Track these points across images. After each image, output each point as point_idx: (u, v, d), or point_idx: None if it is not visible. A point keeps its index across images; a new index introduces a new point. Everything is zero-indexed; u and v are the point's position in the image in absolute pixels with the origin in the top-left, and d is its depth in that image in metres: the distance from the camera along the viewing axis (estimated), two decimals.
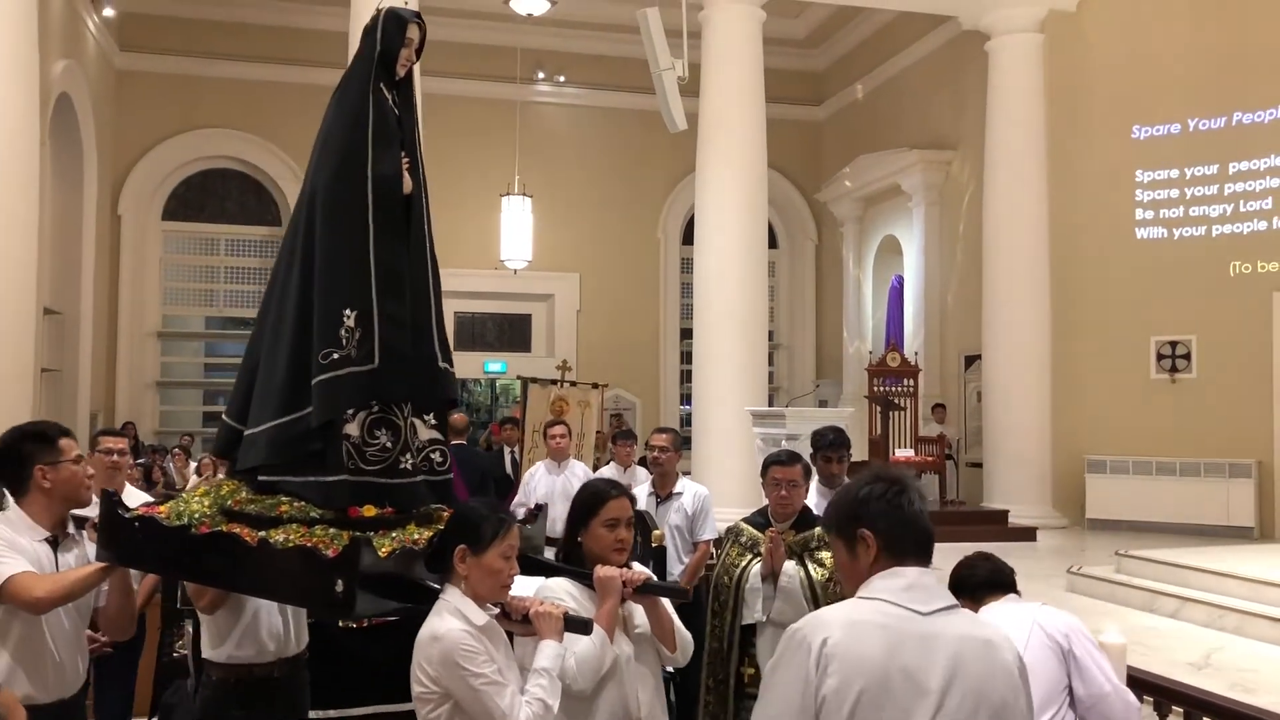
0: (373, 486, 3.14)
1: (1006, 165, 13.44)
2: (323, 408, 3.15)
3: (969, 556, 3.64)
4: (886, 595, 2.06)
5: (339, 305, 3.18)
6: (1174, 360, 13.04)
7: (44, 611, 3.06)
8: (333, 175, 3.31)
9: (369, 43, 3.44)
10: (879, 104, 17.57)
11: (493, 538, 2.74)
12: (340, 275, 3.23)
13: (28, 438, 3.28)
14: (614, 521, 3.11)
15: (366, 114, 3.32)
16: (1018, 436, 13.03)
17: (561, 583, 3.07)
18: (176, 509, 3.17)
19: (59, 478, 3.23)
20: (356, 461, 3.14)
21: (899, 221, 16.98)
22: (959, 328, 15.33)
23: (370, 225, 3.25)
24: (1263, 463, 12.29)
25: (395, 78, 3.48)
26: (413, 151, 3.46)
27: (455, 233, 16.34)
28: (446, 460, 3.42)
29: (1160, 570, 8.34)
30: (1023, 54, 13.46)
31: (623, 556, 3.11)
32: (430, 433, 3.40)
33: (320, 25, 15.87)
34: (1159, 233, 13.21)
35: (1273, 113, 12.44)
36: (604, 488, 3.22)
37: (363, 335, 3.17)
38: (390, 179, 3.31)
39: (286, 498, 3.12)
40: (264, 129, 16.72)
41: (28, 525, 3.20)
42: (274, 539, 2.90)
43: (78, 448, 3.34)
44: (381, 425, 3.22)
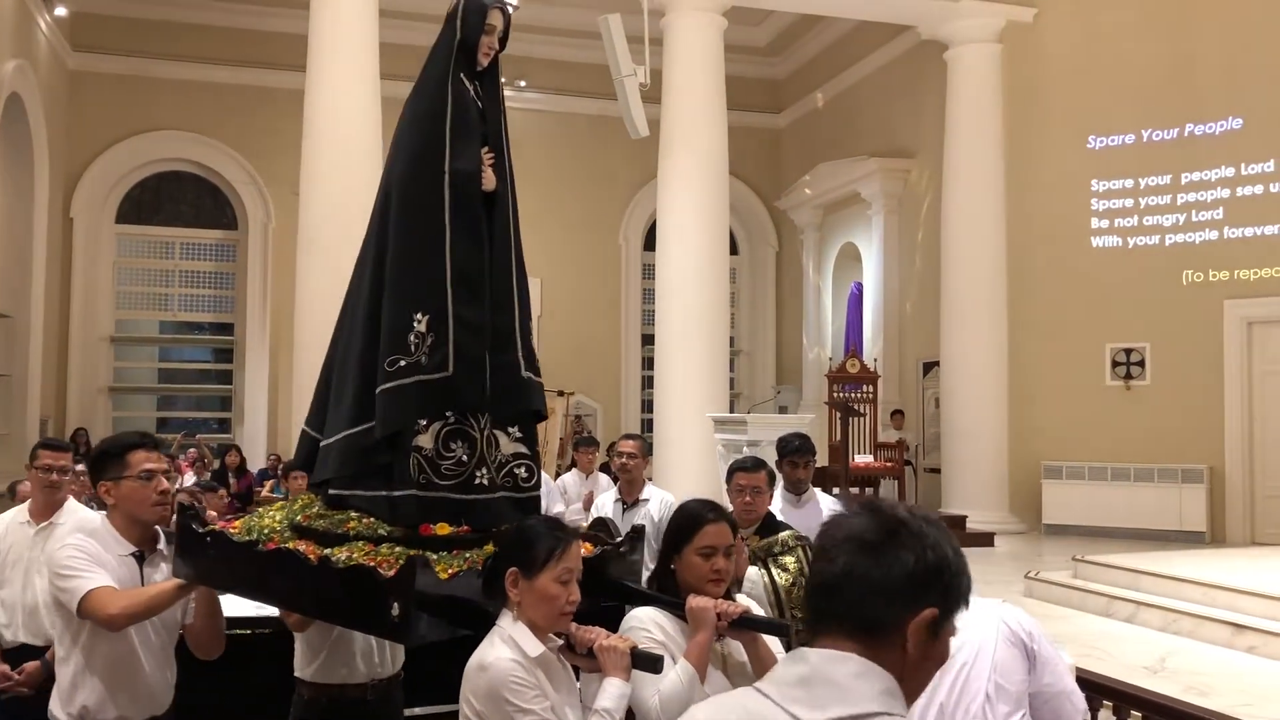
0: (447, 502, 2.94)
1: (964, 174, 13.59)
2: (387, 418, 2.96)
3: None
4: (767, 686, 1.44)
5: (409, 309, 3.00)
6: (1129, 367, 13.23)
7: (119, 628, 2.94)
8: (406, 171, 3.14)
9: (448, 31, 3.24)
10: (839, 112, 17.69)
11: (547, 560, 2.48)
12: (412, 277, 3.04)
13: (99, 454, 3.16)
14: (710, 550, 2.81)
15: (444, 106, 3.14)
16: (975, 442, 13.16)
17: (651, 613, 2.80)
18: (249, 524, 3.05)
19: (120, 493, 3.09)
20: (429, 475, 2.95)
21: (858, 229, 17.10)
22: (917, 334, 15.45)
23: (447, 224, 3.06)
24: (1214, 468, 12.49)
25: (477, 68, 3.27)
26: (498, 146, 3.26)
27: None
28: (533, 476, 3.19)
29: (1116, 575, 8.46)
30: (980, 64, 13.61)
31: (719, 588, 2.80)
32: (515, 446, 3.17)
33: (279, 28, 15.72)
34: (1114, 241, 13.40)
35: (1224, 124, 12.67)
36: (701, 511, 2.90)
37: (435, 341, 2.99)
38: (469, 175, 3.11)
39: (356, 513, 2.96)
40: (221, 132, 16.52)
41: (115, 539, 3.09)
42: (336, 557, 2.73)
43: (153, 461, 3.14)
44: (457, 437, 3.02)
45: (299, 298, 11.75)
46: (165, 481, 3.15)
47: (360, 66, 11.60)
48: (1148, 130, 13.18)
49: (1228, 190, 12.65)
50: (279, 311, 15.90)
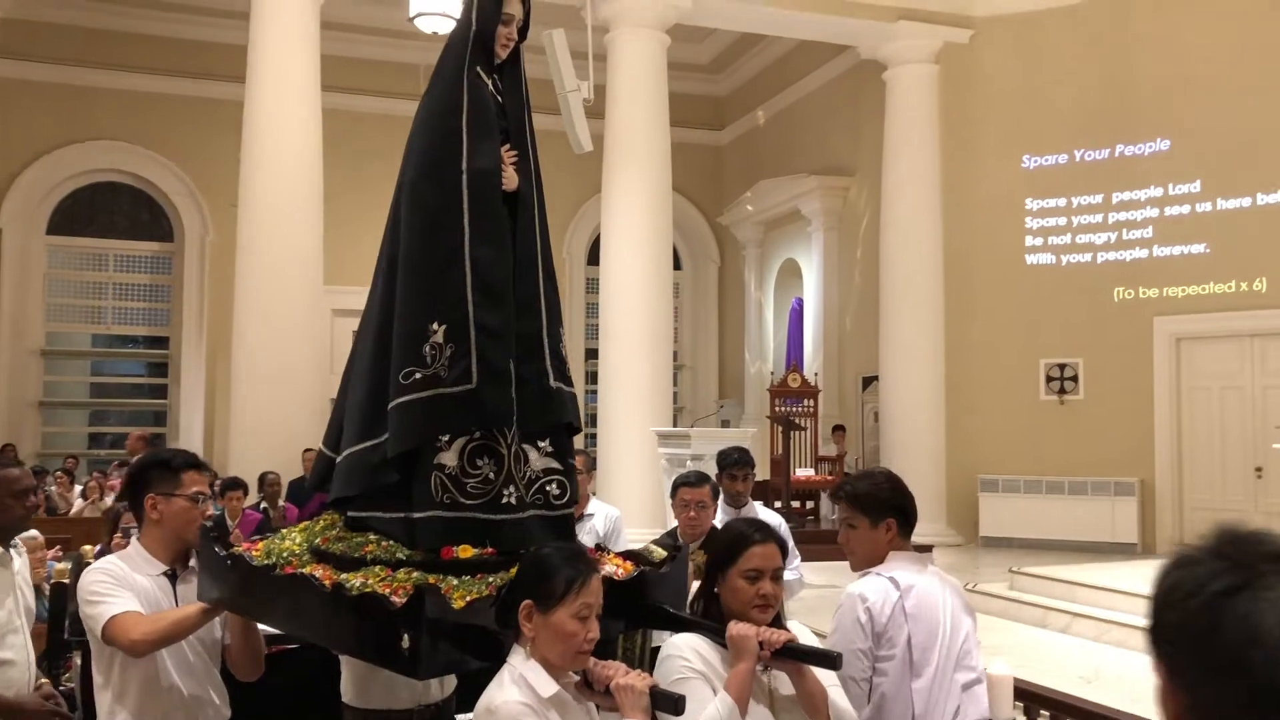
0: (474, 523, 2.75)
1: (902, 192, 13.80)
2: (401, 434, 2.78)
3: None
4: None
5: (425, 319, 2.80)
6: (1062, 382, 13.50)
7: (142, 654, 2.83)
8: (419, 172, 2.95)
9: (464, 22, 3.07)
10: (779, 130, 17.88)
11: (564, 594, 2.28)
12: (427, 284, 2.84)
13: (151, 465, 3.08)
14: (756, 573, 2.59)
15: (460, 102, 2.94)
16: (913, 456, 13.33)
17: (690, 640, 2.61)
18: (270, 546, 2.91)
19: (169, 510, 3.00)
20: (455, 495, 2.76)
21: (799, 245, 17.28)
22: (857, 349, 15.64)
23: (465, 227, 2.86)
24: (1145, 481, 12.79)
25: (495, 60, 3.08)
26: (521, 143, 3.07)
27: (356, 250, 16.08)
28: (565, 493, 2.99)
29: (1051, 586, 8.61)
30: (918, 84, 13.86)
31: (766, 614, 2.59)
32: (546, 461, 2.96)
33: (220, 38, 15.52)
34: (1048, 259, 13.69)
35: (1153, 146, 13.02)
36: (747, 531, 2.67)
37: (456, 352, 2.79)
38: (488, 174, 2.92)
39: (375, 536, 2.79)
40: (158, 142, 16.25)
41: (145, 559, 3.01)
42: (350, 583, 2.56)
43: (204, 484, 3.08)
44: (484, 453, 2.81)
45: (237, 311, 11.60)
46: (210, 506, 3.09)
47: (301, 78, 11.50)
48: (1080, 151, 13.50)
49: (1157, 210, 13.00)
50: (216, 325, 15.67)
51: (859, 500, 3.05)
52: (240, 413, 11.42)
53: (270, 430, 10.93)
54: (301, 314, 11.41)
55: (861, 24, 13.63)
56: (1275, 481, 11.73)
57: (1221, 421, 12.52)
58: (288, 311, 11.24)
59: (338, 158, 13.28)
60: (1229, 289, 12.39)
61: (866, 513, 3.02)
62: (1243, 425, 12.33)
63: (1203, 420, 12.66)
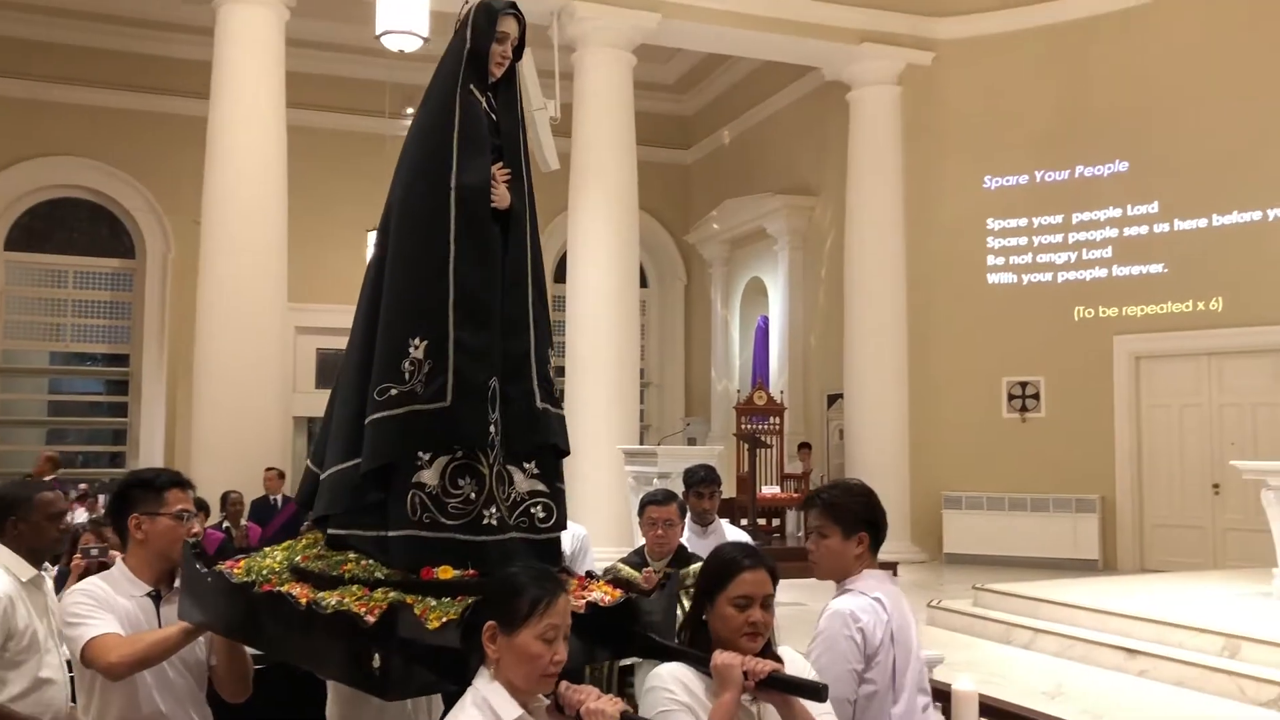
0: (454, 544, 2.71)
1: (866, 211, 13.93)
2: (374, 451, 2.76)
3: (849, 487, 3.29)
4: None
5: (405, 333, 2.79)
6: (1024, 400, 13.64)
7: (119, 676, 2.78)
8: (408, 187, 2.94)
9: (457, 40, 3.05)
10: (745, 149, 17.99)
11: (529, 614, 2.21)
12: (410, 300, 2.83)
13: (134, 484, 3.05)
14: (745, 600, 2.49)
15: (452, 118, 2.93)
16: (878, 473, 13.35)
17: (675, 669, 2.51)
18: (250, 564, 2.88)
19: (154, 529, 2.97)
20: (435, 515, 2.72)
21: (765, 264, 17.38)
22: (822, 367, 15.73)
23: (452, 244, 2.84)
24: (1105, 497, 12.94)
25: (489, 79, 3.07)
26: (515, 162, 3.05)
27: (320, 267, 16.00)
28: (552, 516, 2.94)
29: (1014, 603, 8.68)
30: (881, 105, 14.01)
31: (755, 643, 2.49)
32: (531, 483, 2.93)
33: (183, 54, 15.40)
34: (1009, 278, 13.85)
35: (1111, 167, 13.23)
36: (736, 556, 2.57)
37: (433, 369, 2.77)
38: (476, 190, 2.90)
39: (355, 555, 2.75)
40: (119, 158, 16.09)
41: (129, 580, 2.97)
42: (325, 602, 2.52)
43: (189, 501, 3.07)
44: (465, 473, 2.78)
45: (200, 328, 11.50)
46: (196, 524, 3.05)
47: (266, 95, 11.45)
48: (1040, 172, 13.70)
49: (1116, 230, 13.20)
50: (177, 342, 15.50)
51: (834, 509, 3.01)
52: (202, 431, 11.31)
53: (232, 448, 10.83)
54: (265, 331, 11.32)
55: (826, 46, 13.78)
56: (1232, 498, 11.89)
57: (1180, 439, 12.70)
58: (251, 329, 11.15)
59: (302, 174, 13.22)
60: (1187, 309, 12.59)
61: (840, 523, 2.98)
62: (1200, 443, 12.51)
63: (1162, 438, 12.83)
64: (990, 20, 13.82)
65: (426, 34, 8.75)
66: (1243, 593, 8.65)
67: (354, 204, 16.13)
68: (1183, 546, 12.46)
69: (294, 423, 15.99)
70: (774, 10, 13.27)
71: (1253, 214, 12.07)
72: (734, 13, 13.14)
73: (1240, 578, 9.58)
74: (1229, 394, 12.41)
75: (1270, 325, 11.83)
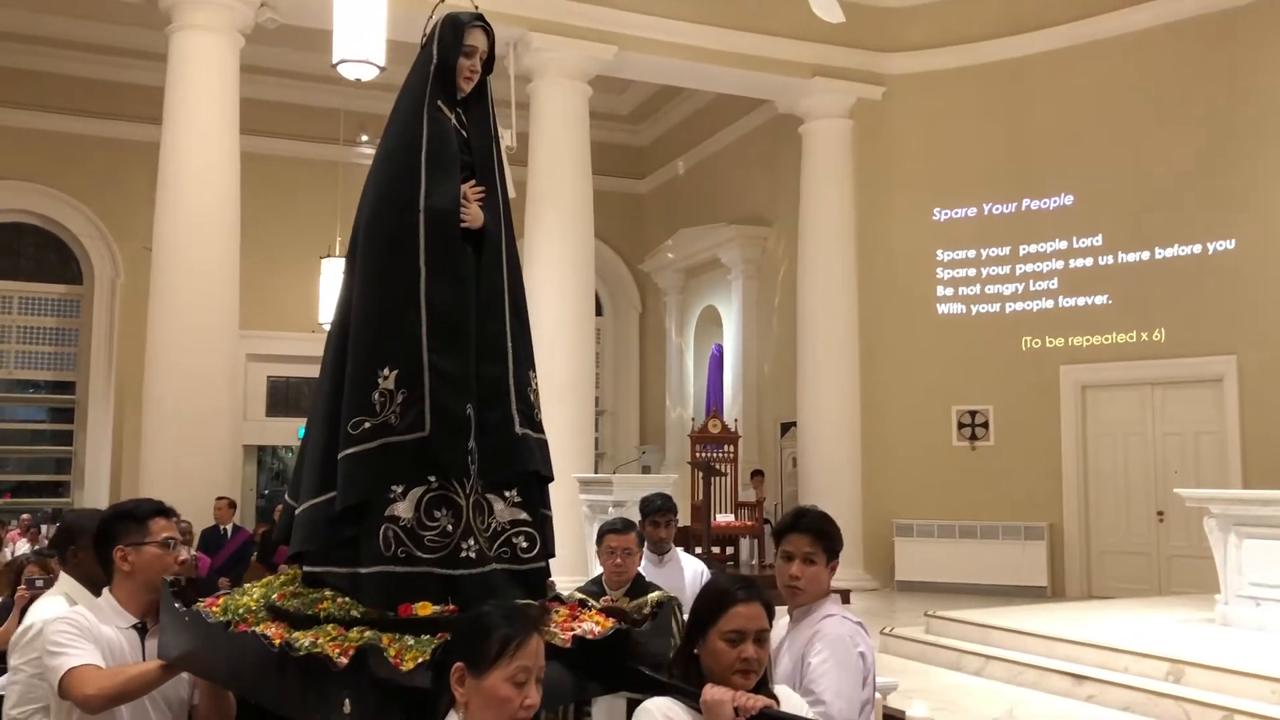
0: (430, 579, 2.60)
1: (818, 242, 14.11)
2: (348, 488, 2.66)
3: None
4: None
5: (374, 364, 2.70)
6: (974, 429, 13.83)
7: (95, 710, 2.72)
8: (374, 211, 2.83)
9: (424, 55, 2.95)
10: (699, 180, 18.16)
11: (498, 655, 2.09)
12: (379, 328, 2.73)
13: (117, 516, 3.00)
14: (737, 635, 2.38)
15: (419, 137, 2.84)
16: (830, 501, 13.44)
17: (664, 704, 2.41)
18: (228, 602, 2.79)
19: (140, 560, 2.91)
20: (410, 549, 2.62)
21: (719, 293, 17.51)
22: (775, 396, 15.84)
23: (422, 267, 2.74)
24: (1053, 525, 13.13)
25: (458, 94, 2.97)
26: (489, 179, 2.97)
27: (272, 294, 15.89)
28: (535, 545, 2.84)
29: (965, 630, 8.77)
30: (833, 138, 14.22)
31: (748, 680, 2.38)
32: (513, 512, 2.83)
33: (134, 79, 15.29)
34: (958, 309, 14.07)
35: (1057, 200, 13.52)
36: (730, 588, 2.45)
37: (408, 399, 2.68)
38: (445, 212, 2.80)
39: (331, 593, 2.65)
40: (67, 183, 15.88)
41: (115, 611, 2.91)
42: (299, 642, 2.44)
43: (173, 529, 3.01)
44: (441, 504, 2.67)
45: (149, 355, 11.34)
46: (184, 551, 3.01)
47: (220, 121, 11.37)
48: (988, 204, 13.96)
49: (1061, 262, 13.47)
50: (126, 369, 15.27)
51: (825, 535, 3.02)
52: (150, 459, 11.13)
53: (181, 478, 10.66)
54: (215, 359, 11.19)
55: (778, 79, 13.97)
56: (1176, 525, 12.13)
57: (1125, 467, 12.94)
58: (201, 356, 11.02)
59: (256, 201, 13.13)
60: (1130, 339, 12.86)
61: (827, 550, 2.99)
62: (1145, 470, 12.76)
63: (1107, 465, 13.07)
64: (937, 57, 14.11)
65: (383, 63, 8.76)
66: (1187, 618, 8.82)
67: (307, 231, 16.08)
68: (1129, 573, 12.67)
69: (244, 451, 15.80)
70: (728, 45, 13.45)
71: (1193, 247, 12.39)
72: (689, 46, 13.31)
73: (1184, 604, 9.76)
74: (1171, 423, 12.67)
75: (1210, 356, 12.12)
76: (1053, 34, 13.35)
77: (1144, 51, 12.76)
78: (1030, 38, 13.52)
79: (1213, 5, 12.14)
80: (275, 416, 17.43)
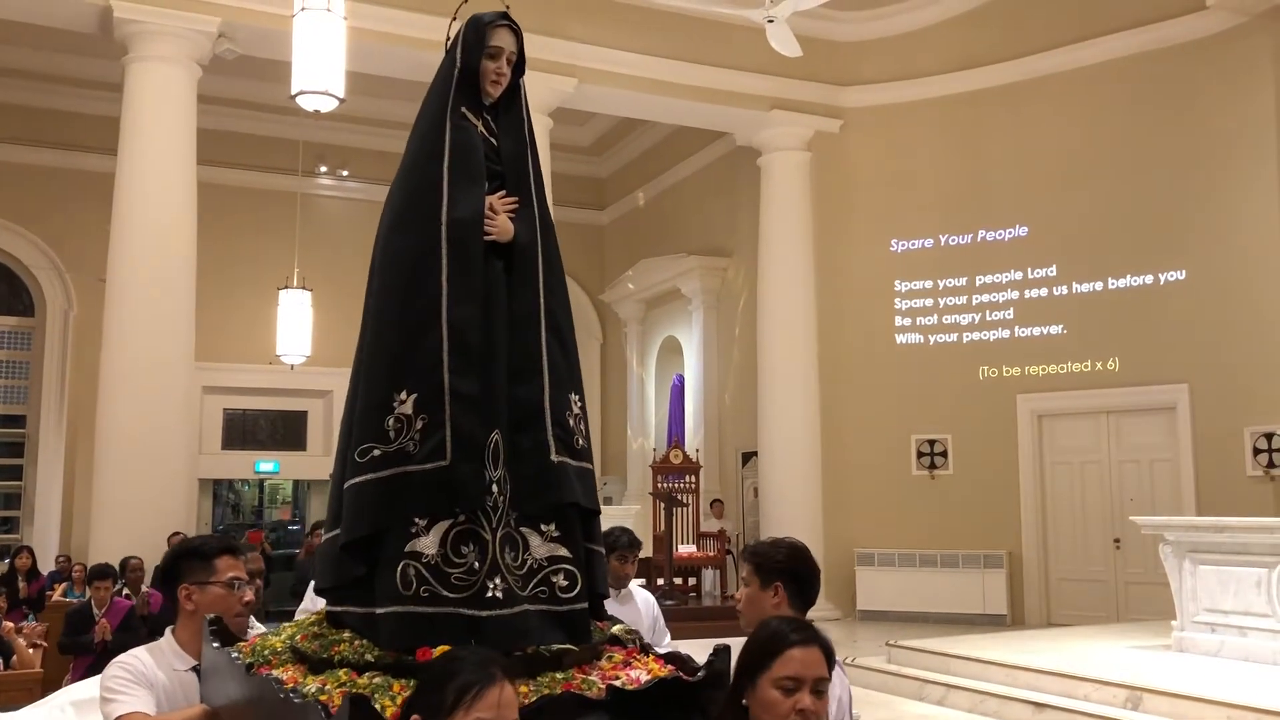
0: (453, 620, 2.41)
1: (778, 273, 14.20)
2: (354, 520, 2.49)
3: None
4: None
5: (390, 387, 2.51)
6: (933, 458, 13.92)
7: None
8: (392, 226, 2.69)
9: (448, 60, 2.80)
10: (660, 211, 18.25)
11: (453, 706, 1.87)
12: (397, 349, 2.55)
13: (183, 553, 2.90)
14: (793, 682, 2.12)
15: (441, 146, 2.68)
16: (792, 530, 13.31)
17: None
18: (260, 642, 2.64)
19: (204, 600, 2.79)
20: (435, 587, 2.43)
21: (679, 323, 17.56)
22: (736, 426, 15.86)
23: (444, 284, 2.56)
24: (1012, 553, 13.21)
25: (485, 99, 2.82)
26: (522, 189, 2.79)
27: (229, 326, 15.73)
28: (576, 584, 2.59)
29: (927, 659, 8.79)
30: (792, 170, 14.35)
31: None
32: (551, 547, 2.59)
33: (88, 109, 15.15)
34: (916, 338, 14.19)
35: (1012, 232, 13.71)
36: (784, 630, 2.21)
37: (429, 424, 2.48)
38: (467, 224, 2.63)
39: (349, 634, 2.47)
40: (18, 214, 15.65)
41: (174, 653, 2.80)
42: (305, 689, 2.30)
43: (240, 568, 2.87)
44: (469, 539, 2.49)
45: (102, 388, 11.14)
46: (249, 592, 2.86)
47: (177, 152, 11.26)
48: (944, 235, 14.12)
49: (1017, 292, 13.64)
50: (78, 403, 15.02)
51: (756, 558, 3.06)
52: (103, 494, 10.91)
53: (135, 513, 10.47)
54: (170, 391, 11.03)
55: (737, 112, 14.10)
56: (1133, 552, 12.25)
57: (1082, 495, 13.07)
58: (156, 389, 10.85)
59: (212, 231, 13.03)
60: (1085, 368, 13.03)
61: (760, 573, 3.01)
62: (1101, 498, 12.89)
63: (1065, 494, 13.19)
64: (893, 90, 14.30)
65: (342, 95, 8.75)
66: (1144, 645, 8.89)
67: (265, 262, 15.95)
68: (1087, 600, 12.77)
69: (200, 485, 15.57)
70: (688, 78, 13.56)
71: (1145, 277, 12.60)
72: (649, 79, 13.40)
73: (1142, 630, 9.85)
74: (1127, 451, 12.83)
75: (1163, 384, 12.30)
76: (1006, 68, 13.58)
77: (1094, 87, 13.01)
78: (984, 72, 13.75)
79: (1161, 41, 12.42)
80: (231, 449, 17.21)
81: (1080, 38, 12.97)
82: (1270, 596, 7.80)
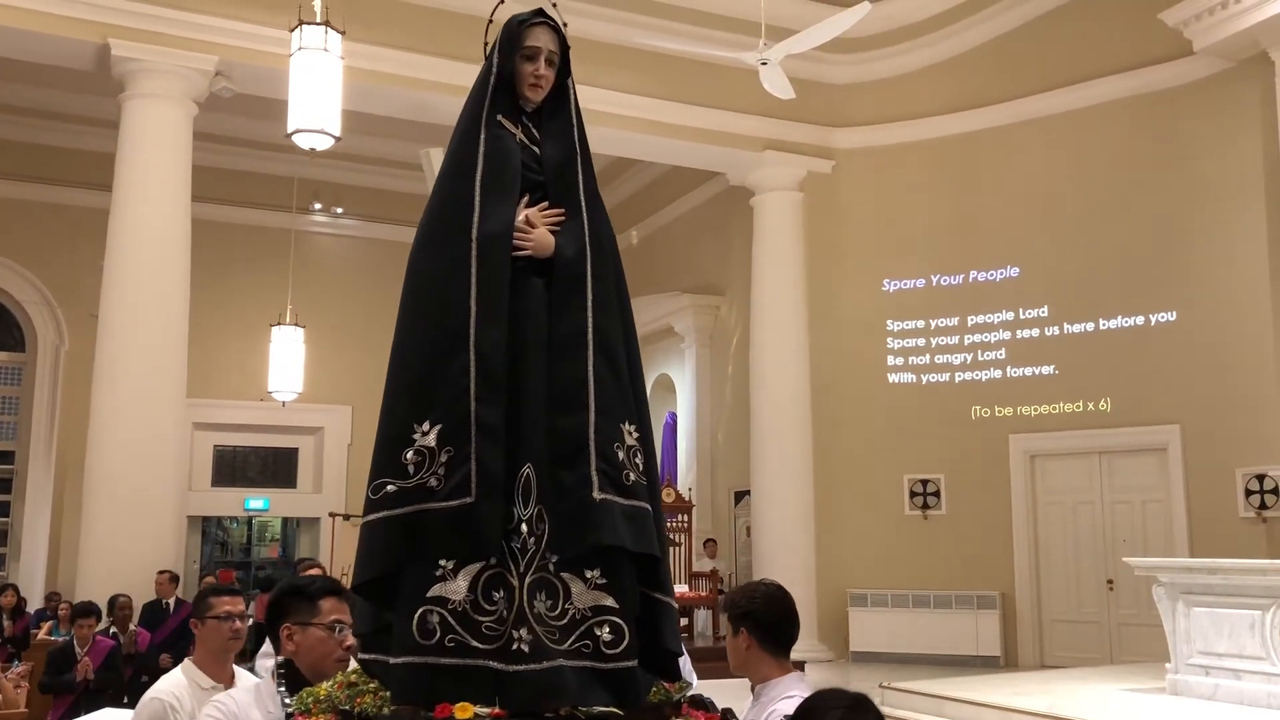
0: (484, 674, 2.23)
1: (770, 311, 14.23)
2: (365, 561, 2.35)
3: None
4: None
5: (411, 417, 2.34)
6: (925, 498, 13.90)
7: None
8: (421, 242, 2.53)
9: (484, 68, 2.63)
10: (653, 249, 18.32)
11: None
12: (418, 377, 2.37)
13: (289, 592, 2.82)
14: None
15: (475, 157, 2.50)
16: (784, 571, 13.40)
17: None
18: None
19: (304, 641, 2.68)
20: (463, 637, 2.24)
21: (672, 361, 17.58)
22: (729, 464, 15.83)
23: (473, 305, 2.38)
24: (1005, 594, 13.16)
25: (524, 105, 2.64)
26: (569, 199, 2.59)
27: (220, 362, 15.71)
28: (623, 639, 2.34)
29: (921, 701, 8.72)
30: (784, 210, 14.43)
31: None
32: (595, 596, 2.34)
33: (82, 145, 15.21)
34: (908, 378, 14.21)
35: (1004, 272, 13.78)
36: (825, 705, 2.14)
37: (453, 459, 2.30)
38: (494, 240, 2.43)
39: (375, 684, 2.33)
40: (11, 249, 15.67)
41: (271, 694, 2.70)
42: None
43: (345, 611, 2.75)
44: (499, 585, 2.29)
45: (93, 424, 11.09)
46: (351, 636, 2.75)
47: (171, 189, 11.27)
48: (936, 276, 14.19)
49: (1009, 333, 13.69)
50: (68, 439, 14.95)
51: (724, 605, 3.04)
52: (92, 531, 10.83)
53: (124, 550, 10.39)
54: (161, 428, 10.97)
55: (731, 152, 14.20)
56: (1126, 593, 12.21)
57: (1075, 535, 13.04)
58: (147, 425, 10.80)
59: (205, 267, 13.02)
60: (1077, 409, 13.05)
61: (729, 619, 2.91)
62: (1094, 539, 12.86)
63: (1057, 534, 13.16)
64: (885, 132, 14.41)
65: (338, 133, 8.80)
66: (1138, 688, 8.83)
67: (257, 298, 15.97)
68: (1080, 641, 12.70)
69: (189, 523, 15.46)
70: (682, 119, 13.66)
71: (1136, 318, 12.65)
72: (643, 119, 13.50)
73: (1135, 672, 9.78)
74: (1119, 491, 12.82)
75: (1154, 425, 12.32)
76: (997, 111, 13.71)
77: (1084, 130, 13.14)
78: (975, 114, 13.87)
79: (1150, 86, 12.55)
80: (221, 486, 17.13)
81: (1070, 81, 13.11)
82: (1265, 639, 7.76)
